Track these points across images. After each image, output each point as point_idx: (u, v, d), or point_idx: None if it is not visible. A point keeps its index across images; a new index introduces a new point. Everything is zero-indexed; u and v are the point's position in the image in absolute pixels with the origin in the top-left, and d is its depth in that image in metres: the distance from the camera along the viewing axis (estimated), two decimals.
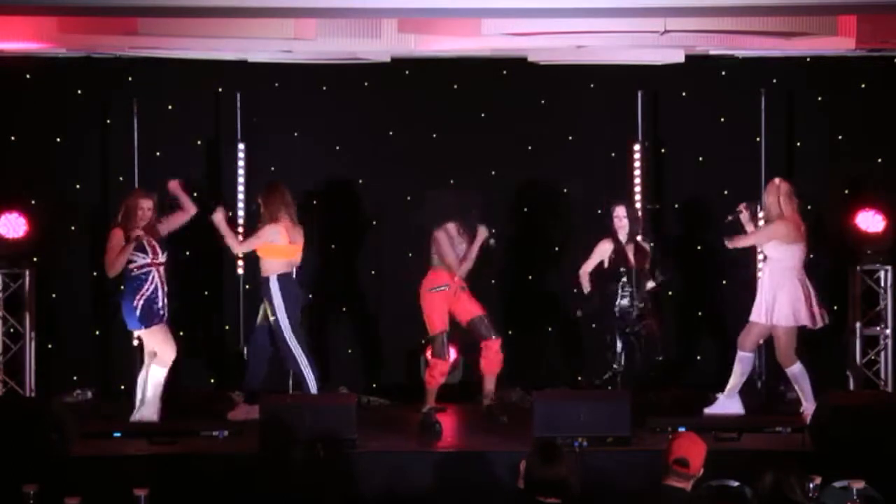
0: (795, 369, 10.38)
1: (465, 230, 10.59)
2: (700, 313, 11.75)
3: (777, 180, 10.41)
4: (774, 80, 11.53)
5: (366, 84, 11.66)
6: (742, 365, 10.48)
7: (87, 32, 9.84)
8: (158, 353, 10.31)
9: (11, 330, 11.18)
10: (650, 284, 10.71)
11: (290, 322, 10.54)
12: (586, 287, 10.63)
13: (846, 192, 11.63)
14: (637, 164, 11.40)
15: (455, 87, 11.77)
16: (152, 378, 10.28)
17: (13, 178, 11.40)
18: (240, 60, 11.08)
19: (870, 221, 11.26)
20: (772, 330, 10.39)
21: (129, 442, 9.77)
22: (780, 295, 10.31)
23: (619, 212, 10.58)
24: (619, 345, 10.59)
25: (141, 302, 10.21)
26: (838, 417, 9.31)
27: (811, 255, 11.79)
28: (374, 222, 11.85)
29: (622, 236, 10.54)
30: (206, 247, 11.44)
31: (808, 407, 10.23)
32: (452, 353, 11.07)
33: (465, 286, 10.65)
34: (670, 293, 11.78)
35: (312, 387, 10.52)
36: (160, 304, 10.28)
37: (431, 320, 10.54)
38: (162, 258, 10.32)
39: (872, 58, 11.21)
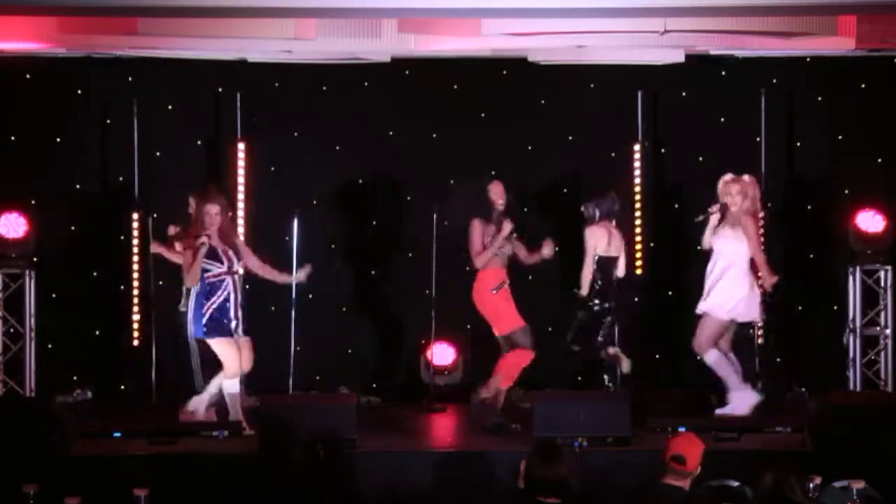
0: (711, 357, 10.30)
1: (495, 225, 10.43)
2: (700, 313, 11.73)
3: (746, 177, 10.40)
4: (774, 80, 11.53)
5: (366, 84, 11.67)
6: (722, 363, 10.41)
7: (87, 32, 9.85)
8: (224, 364, 10.03)
9: (11, 330, 11.18)
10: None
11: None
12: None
13: (846, 192, 11.63)
14: (637, 164, 11.40)
15: (455, 87, 11.77)
16: (226, 389, 10.04)
17: (13, 178, 11.41)
18: (240, 60, 11.08)
19: (870, 221, 11.27)
20: (703, 317, 10.33)
21: (129, 442, 9.77)
22: (724, 288, 10.28)
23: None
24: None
25: (209, 311, 9.95)
26: (838, 417, 9.31)
27: (811, 256, 11.84)
28: (374, 222, 11.85)
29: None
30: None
31: (733, 397, 10.19)
32: (452, 353, 11.08)
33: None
34: (670, 293, 11.77)
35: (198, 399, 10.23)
36: (231, 315, 9.97)
37: (503, 320, 10.39)
38: (237, 267, 10.07)
39: (872, 58, 11.21)
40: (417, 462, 9.42)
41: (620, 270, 10.63)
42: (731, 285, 10.27)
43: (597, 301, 10.52)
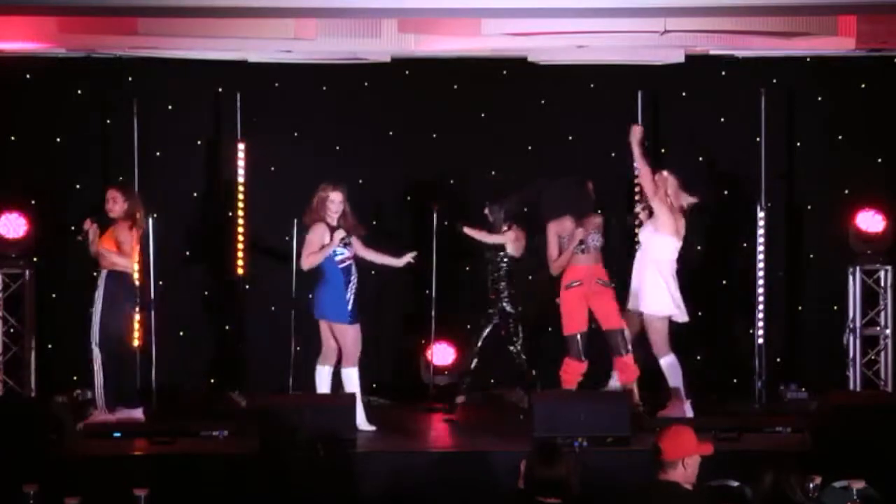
0: (669, 360, 10.35)
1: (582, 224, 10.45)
2: (700, 313, 11.73)
3: (665, 172, 10.42)
4: (774, 80, 11.53)
5: (366, 84, 11.67)
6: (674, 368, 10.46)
7: (87, 32, 9.85)
8: (352, 351, 10.14)
9: (11, 330, 11.19)
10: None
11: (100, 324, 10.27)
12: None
13: (846, 192, 11.63)
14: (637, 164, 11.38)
15: (455, 87, 11.77)
16: (350, 380, 10.13)
17: (13, 178, 11.41)
18: (240, 60, 11.08)
19: (870, 221, 11.28)
20: (645, 319, 10.38)
21: (129, 442, 9.77)
22: (654, 284, 10.32)
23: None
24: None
25: (352, 296, 10.14)
26: (838, 417, 9.31)
27: (811, 256, 11.85)
28: (374, 222, 11.84)
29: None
30: (206, 247, 11.44)
31: (675, 405, 10.25)
32: (452, 353, 11.07)
33: (608, 283, 10.46)
34: None
35: (99, 398, 10.21)
36: (355, 303, 10.22)
37: (564, 320, 10.43)
38: (351, 252, 10.23)
39: (872, 58, 11.22)
40: (417, 462, 9.42)
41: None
42: (659, 282, 10.35)
43: (505, 304, 10.64)
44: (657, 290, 10.31)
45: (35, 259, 11.27)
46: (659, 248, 10.34)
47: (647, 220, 10.50)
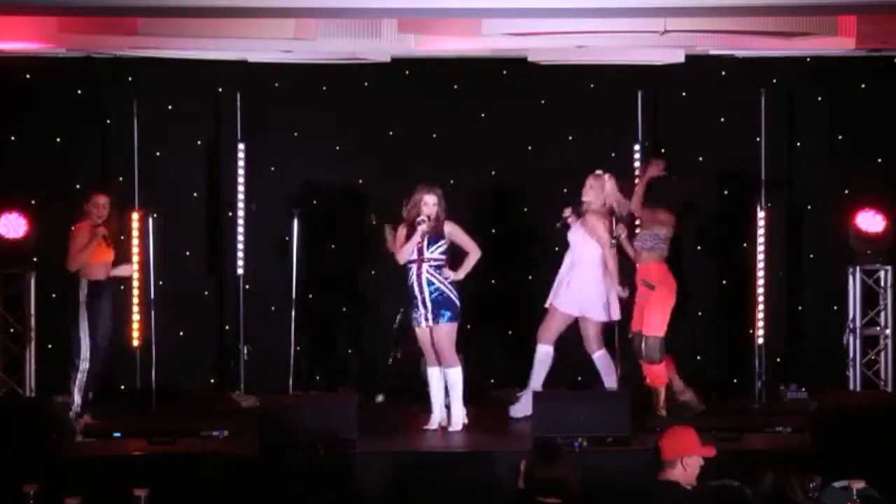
0: (601, 354, 10.49)
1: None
2: (700, 313, 11.75)
3: (599, 171, 10.49)
4: (774, 80, 11.53)
5: (366, 84, 11.66)
6: (547, 360, 10.59)
7: (87, 32, 9.85)
8: (450, 351, 10.15)
9: (11, 330, 11.18)
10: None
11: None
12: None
13: (846, 192, 11.63)
14: (637, 164, 11.39)
15: (455, 87, 11.77)
16: (456, 380, 10.17)
17: (13, 178, 11.40)
18: (240, 60, 11.08)
19: (870, 221, 11.27)
20: (581, 320, 10.49)
21: (129, 442, 9.77)
22: (589, 285, 10.41)
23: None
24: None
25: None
26: (838, 417, 9.31)
27: (811, 256, 11.84)
28: (374, 222, 11.84)
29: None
30: (207, 247, 11.44)
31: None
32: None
33: (652, 285, 10.45)
34: None
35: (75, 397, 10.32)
36: (416, 305, 10.20)
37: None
38: (430, 253, 10.18)
39: (872, 58, 11.22)
40: (417, 462, 9.42)
41: None
42: (579, 282, 10.42)
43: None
44: (587, 291, 10.42)
45: (35, 259, 11.26)
46: (589, 250, 10.43)
47: (574, 222, 10.52)
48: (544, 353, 10.55)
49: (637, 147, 11.40)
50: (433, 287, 10.14)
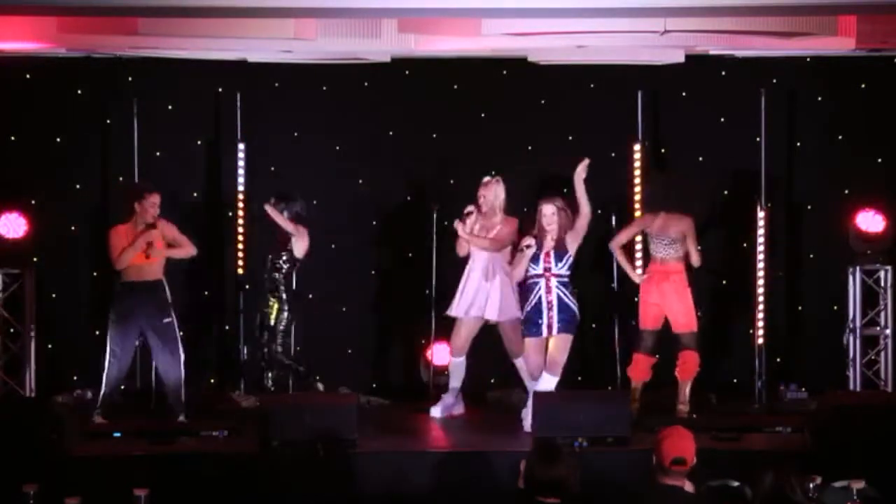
0: (521, 361, 10.55)
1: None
2: (700, 313, 11.73)
3: (487, 178, 10.59)
4: (774, 80, 11.53)
5: (366, 84, 11.66)
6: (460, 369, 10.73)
7: (87, 32, 9.85)
8: (561, 362, 10.13)
9: (11, 330, 11.18)
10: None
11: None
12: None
13: (846, 192, 11.63)
14: (637, 164, 11.39)
15: (455, 87, 11.76)
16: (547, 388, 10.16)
17: (13, 178, 11.40)
18: (240, 60, 11.08)
19: (870, 221, 11.27)
20: (501, 326, 10.57)
21: (129, 442, 9.77)
22: (506, 288, 10.47)
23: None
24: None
25: (525, 311, 10.15)
26: (838, 417, 9.31)
27: (811, 256, 11.84)
28: (374, 222, 11.85)
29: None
30: (207, 247, 11.43)
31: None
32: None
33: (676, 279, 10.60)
34: None
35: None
36: (542, 317, 10.06)
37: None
38: (558, 268, 10.08)
39: (872, 58, 11.22)
40: (417, 462, 9.42)
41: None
42: (496, 287, 10.48)
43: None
44: (504, 294, 10.48)
45: (35, 259, 11.26)
46: (491, 255, 10.51)
47: (479, 228, 10.58)
48: (457, 365, 10.69)
49: (637, 147, 11.40)
50: (561, 303, 10.10)
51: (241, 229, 11.37)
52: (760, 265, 11.12)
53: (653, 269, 10.64)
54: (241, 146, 11.39)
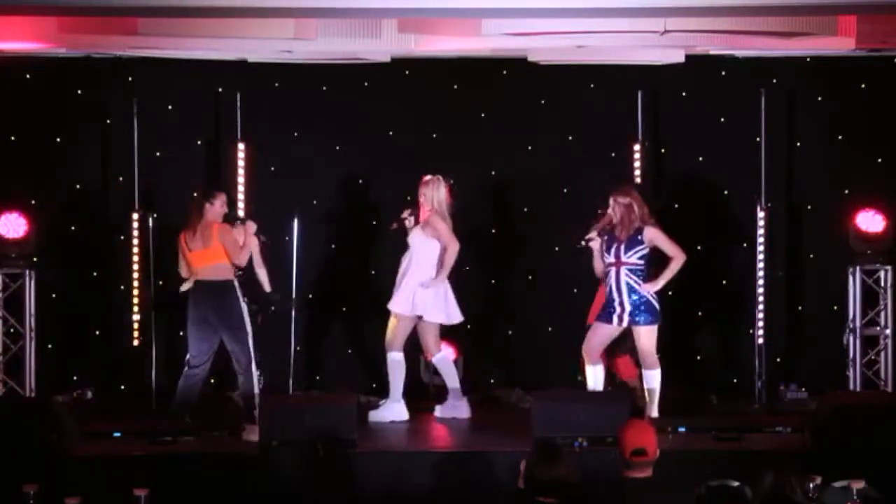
0: (441, 357, 10.69)
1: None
2: (700, 313, 11.75)
3: (429, 176, 10.58)
4: (774, 80, 11.53)
5: (366, 84, 11.66)
6: (400, 368, 10.72)
7: (87, 32, 9.85)
8: (651, 353, 10.20)
9: (11, 330, 11.18)
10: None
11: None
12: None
13: (846, 192, 11.63)
14: (637, 164, 11.40)
15: (455, 87, 11.77)
16: (655, 384, 10.19)
17: (13, 178, 11.41)
18: (240, 60, 11.08)
19: (870, 221, 11.26)
20: (419, 324, 10.62)
21: (129, 442, 9.77)
22: (428, 289, 10.52)
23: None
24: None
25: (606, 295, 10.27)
26: (838, 417, 9.31)
27: (811, 256, 11.84)
28: (374, 222, 11.85)
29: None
30: None
31: (456, 405, 10.63)
32: (452, 353, 11.08)
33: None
34: (670, 293, 11.76)
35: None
36: (614, 306, 10.13)
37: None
38: (627, 257, 10.13)
39: (872, 58, 11.22)
40: (417, 462, 9.42)
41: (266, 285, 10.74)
42: (415, 284, 10.53)
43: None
44: (425, 293, 10.53)
45: (35, 259, 11.26)
46: (430, 253, 10.54)
47: (412, 225, 10.62)
48: (396, 362, 10.67)
49: (637, 147, 11.40)
50: (633, 292, 10.12)
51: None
52: (760, 265, 11.12)
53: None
54: (241, 146, 11.39)
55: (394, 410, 10.62)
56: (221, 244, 10.21)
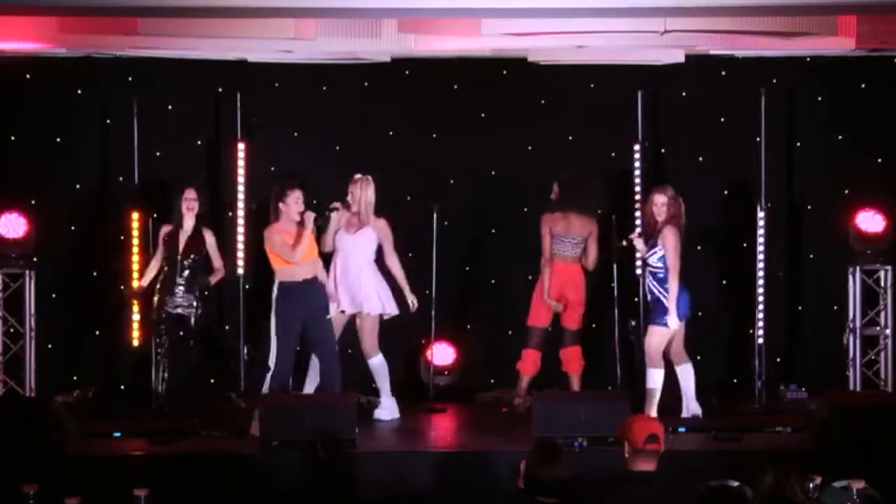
0: (377, 361, 10.67)
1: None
2: (700, 313, 11.73)
3: (359, 175, 10.65)
4: (774, 80, 11.53)
5: (366, 84, 11.66)
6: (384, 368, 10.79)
7: (87, 32, 9.86)
8: (657, 353, 10.30)
9: (11, 330, 11.19)
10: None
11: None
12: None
13: (846, 192, 11.63)
14: (637, 164, 11.39)
15: (455, 87, 11.77)
16: (658, 384, 10.29)
17: (13, 178, 11.41)
18: (240, 60, 11.08)
19: (870, 221, 11.27)
20: (358, 318, 10.67)
21: (129, 442, 9.77)
22: (367, 284, 10.58)
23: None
24: None
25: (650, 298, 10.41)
26: (838, 417, 9.31)
27: (811, 256, 11.84)
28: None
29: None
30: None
31: (389, 406, 10.64)
32: (452, 353, 11.08)
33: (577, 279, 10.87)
34: None
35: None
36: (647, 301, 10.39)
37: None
38: (648, 258, 10.29)
39: (872, 58, 11.22)
40: (417, 462, 9.42)
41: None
42: (356, 281, 10.59)
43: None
44: (365, 288, 10.58)
45: (35, 259, 11.26)
46: (366, 250, 10.63)
47: (346, 226, 10.68)
48: (378, 364, 10.69)
49: (637, 147, 11.39)
50: (652, 293, 10.29)
51: (241, 229, 11.35)
52: (760, 265, 11.12)
53: (556, 269, 10.75)
54: (241, 146, 11.39)
55: (392, 409, 10.67)
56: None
